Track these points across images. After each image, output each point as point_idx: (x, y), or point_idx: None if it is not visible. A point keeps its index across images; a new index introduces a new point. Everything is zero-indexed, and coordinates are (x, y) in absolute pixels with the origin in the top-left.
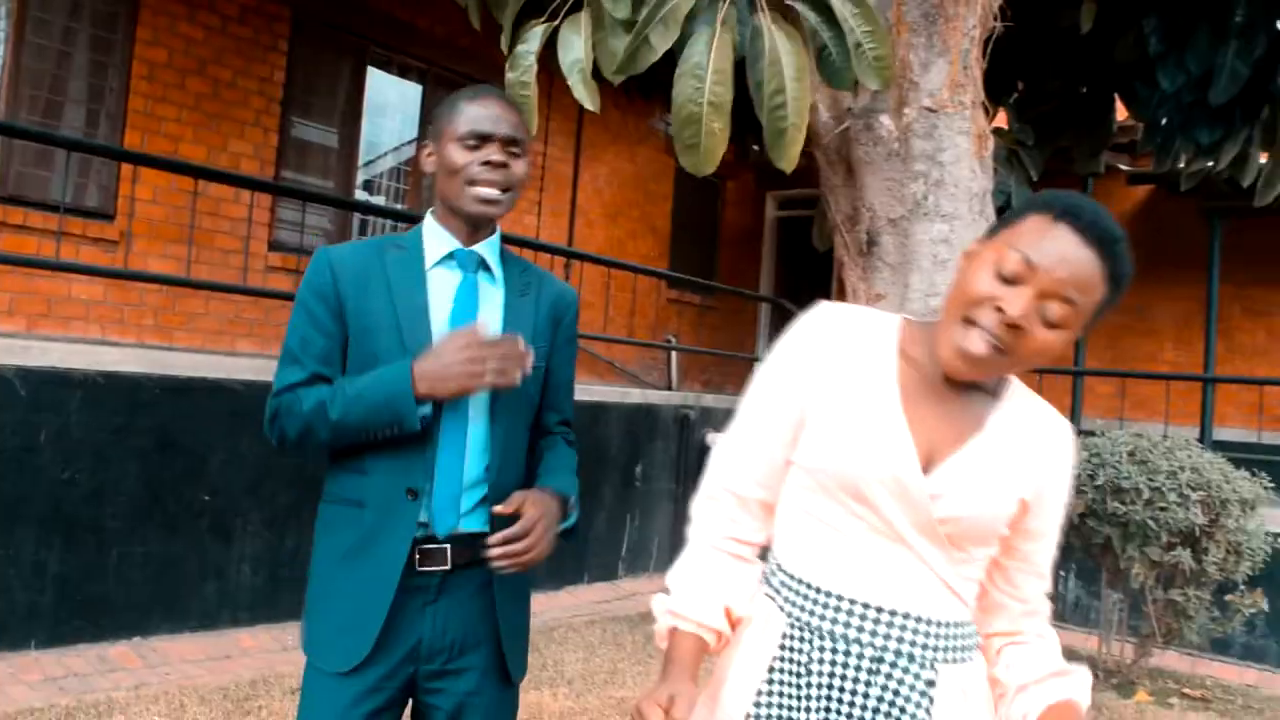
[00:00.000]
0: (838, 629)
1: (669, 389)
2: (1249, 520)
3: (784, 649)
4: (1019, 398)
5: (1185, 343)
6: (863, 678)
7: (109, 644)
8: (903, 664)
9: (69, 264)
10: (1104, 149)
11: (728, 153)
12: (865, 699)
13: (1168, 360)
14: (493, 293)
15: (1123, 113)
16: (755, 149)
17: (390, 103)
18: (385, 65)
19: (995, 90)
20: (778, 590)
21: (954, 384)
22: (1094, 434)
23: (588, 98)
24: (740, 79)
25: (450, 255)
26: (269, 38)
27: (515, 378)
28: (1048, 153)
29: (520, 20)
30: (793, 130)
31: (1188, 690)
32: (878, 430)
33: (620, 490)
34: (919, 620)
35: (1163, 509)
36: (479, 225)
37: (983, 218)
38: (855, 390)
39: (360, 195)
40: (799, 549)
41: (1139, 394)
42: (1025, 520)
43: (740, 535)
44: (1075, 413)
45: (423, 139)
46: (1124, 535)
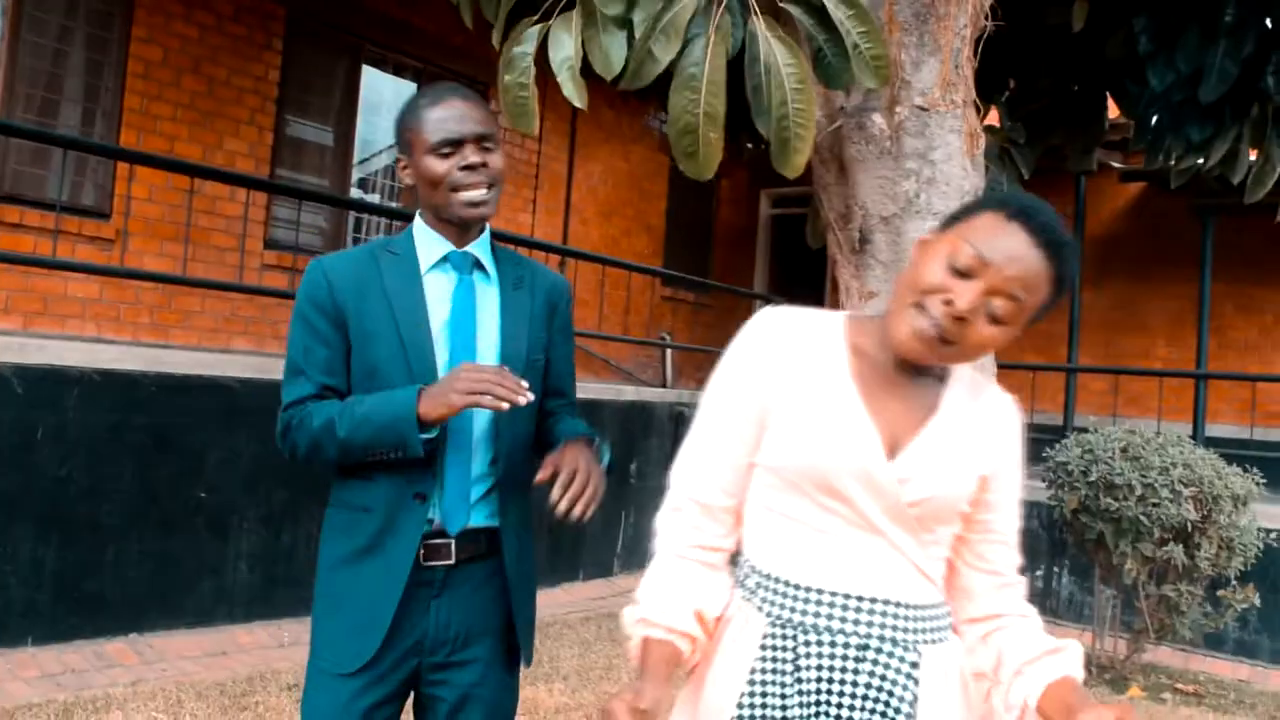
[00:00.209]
0: (820, 621)
1: (664, 386)
2: (1241, 516)
3: (766, 648)
4: (963, 378)
5: (1177, 339)
6: (850, 665)
7: (106, 640)
8: (887, 649)
9: (65, 262)
10: (1096, 147)
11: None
12: (854, 686)
13: (1160, 357)
14: (488, 291)
15: (1114, 110)
16: (749, 147)
17: (385, 101)
18: (380, 64)
19: (987, 88)
20: (754, 591)
21: (905, 371)
22: (1087, 430)
23: (577, 95)
24: (735, 80)
25: (445, 258)
26: (264, 36)
27: (504, 406)
28: (1039, 151)
29: (513, 19)
30: (797, 140)
31: (1180, 685)
32: (841, 423)
33: (615, 488)
34: (898, 605)
35: (1155, 505)
36: (469, 227)
37: None
38: (813, 387)
39: (355, 193)
40: (772, 548)
41: (1132, 390)
42: (985, 494)
43: (707, 542)
44: (1069, 409)
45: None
46: (1117, 531)
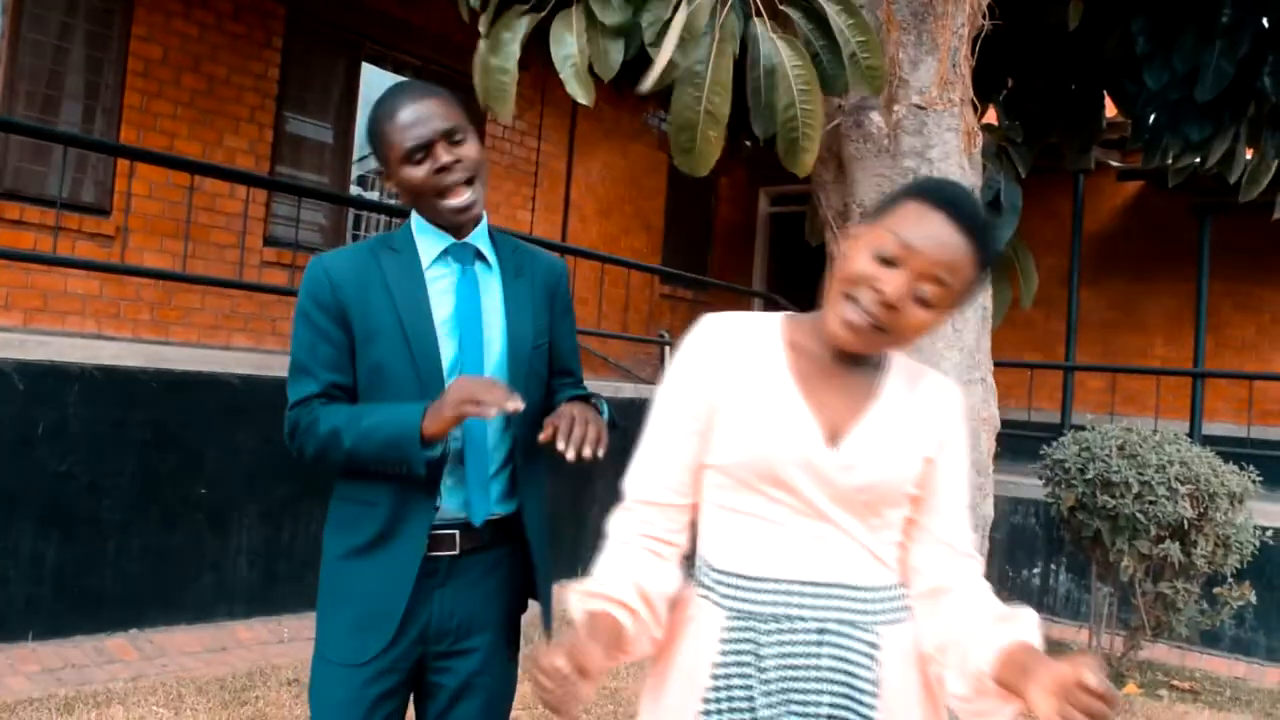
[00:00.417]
0: (779, 609)
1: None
2: (1237, 514)
3: (726, 641)
4: (901, 364)
5: (1175, 338)
6: (811, 649)
7: (106, 636)
8: (846, 630)
9: (65, 259)
10: (1093, 145)
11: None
12: (818, 670)
13: (1158, 355)
14: (491, 281)
15: (1112, 109)
16: (748, 145)
17: None
18: (380, 61)
19: (985, 87)
20: (711, 588)
21: (843, 362)
22: (1084, 428)
23: (582, 93)
24: (735, 81)
25: (445, 252)
26: (263, 34)
27: (492, 413)
28: (1037, 149)
29: (502, 8)
30: (805, 140)
31: (1177, 682)
32: (780, 415)
33: (614, 484)
34: (853, 589)
35: (1152, 502)
36: (464, 225)
37: None
38: (753, 385)
39: (355, 190)
40: (727, 545)
41: (1129, 389)
42: (932, 475)
43: (654, 534)
44: (1066, 407)
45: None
46: (1113, 528)
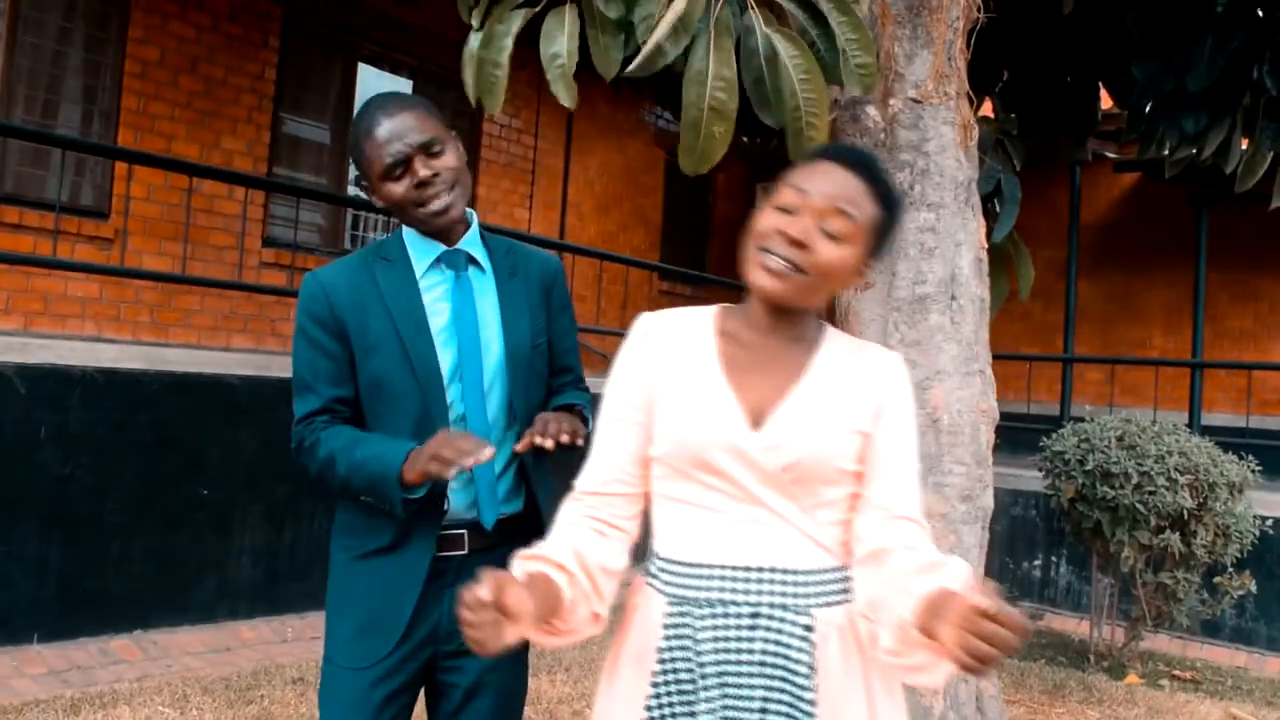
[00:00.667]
0: (713, 594)
1: None
2: (1237, 503)
3: (668, 626)
4: (838, 342)
5: (1173, 329)
6: (744, 634)
7: (110, 637)
8: (779, 614)
9: (65, 262)
10: (1089, 136)
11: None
12: (750, 654)
13: (1156, 346)
14: (485, 284)
15: (1108, 100)
16: (745, 141)
17: None
18: (376, 61)
19: (980, 80)
20: (656, 575)
21: (775, 342)
22: (1083, 420)
23: (566, 95)
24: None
25: (438, 259)
26: (260, 35)
27: (451, 474)
28: (1033, 141)
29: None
30: (810, 129)
31: (1178, 672)
32: (706, 402)
33: None
34: (787, 572)
35: (1152, 493)
36: (450, 230)
37: (968, 206)
38: (684, 375)
39: (352, 191)
40: (670, 534)
41: (1128, 380)
42: (871, 449)
43: (598, 515)
44: (1065, 399)
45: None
46: (1113, 519)
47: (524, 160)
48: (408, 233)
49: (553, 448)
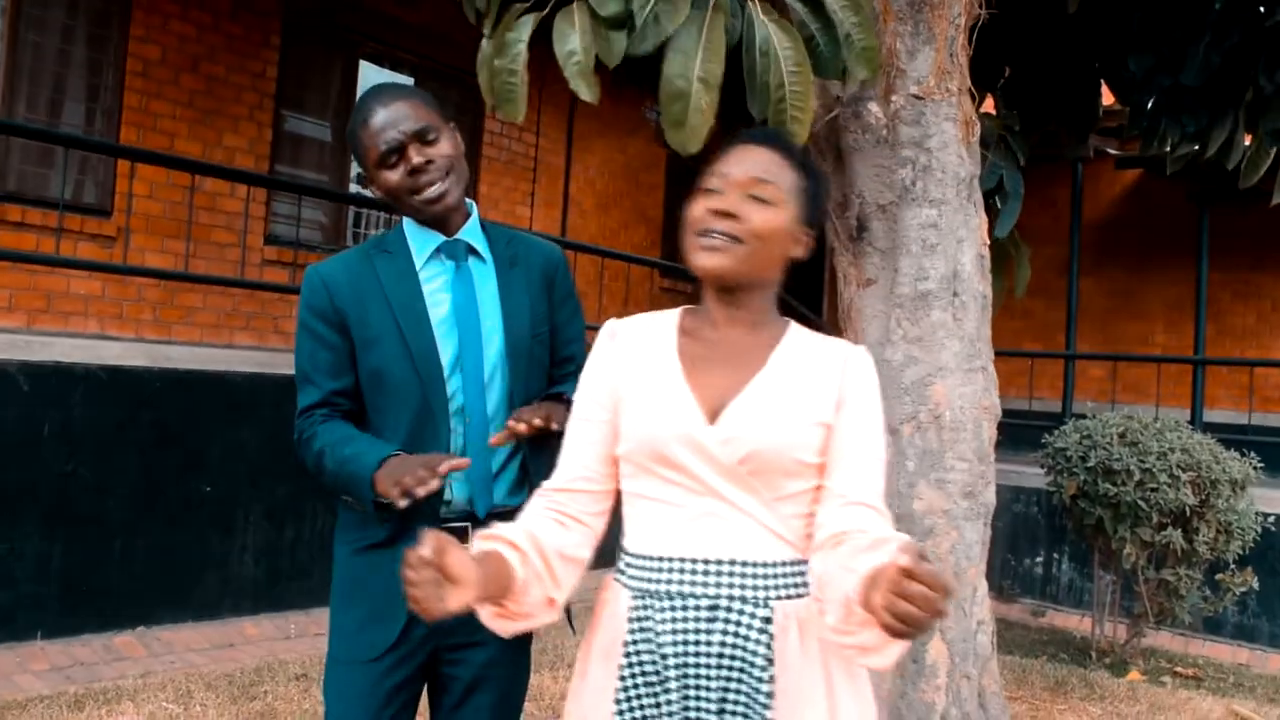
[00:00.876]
0: (673, 587)
1: None
2: (1239, 500)
3: (632, 620)
4: (800, 335)
5: (1176, 326)
6: (702, 626)
7: (114, 634)
8: (737, 606)
9: (68, 260)
10: (1090, 133)
11: (718, 141)
12: (709, 646)
13: (1158, 343)
14: (485, 274)
15: (1110, 97)
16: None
17: None
18: (377, 59)
19: (982, 76)
20: (624, 571)
21: (734, 334)
22: (1086, 417)
23: (585, 90)
24: (733, 67)
25: (438, 250)
26: (261, 33)
27: (405, 502)
28: (1034, 138)
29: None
30: (794, 123)
31: (1180, 669)
32: (664, 398)
33: None
34: (745, 565)
35: (1154, 490)
36: (448, 218)
37: (970, 202)
38: (645, 373)
39: (354, 188)
40: (636, 530)
41: (1130, 377)
42: (832, 440)
43: (561, 509)
44: (1067, 396)
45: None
46: (1115, 516)
47: (525, 158)
48: (408, 224)
49: (526, 431)
